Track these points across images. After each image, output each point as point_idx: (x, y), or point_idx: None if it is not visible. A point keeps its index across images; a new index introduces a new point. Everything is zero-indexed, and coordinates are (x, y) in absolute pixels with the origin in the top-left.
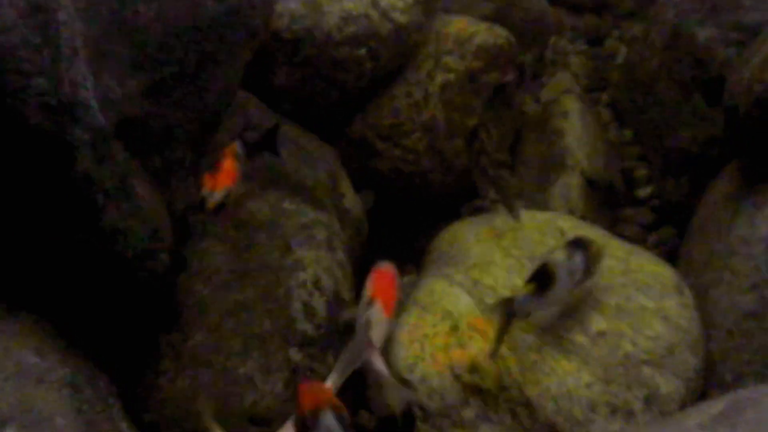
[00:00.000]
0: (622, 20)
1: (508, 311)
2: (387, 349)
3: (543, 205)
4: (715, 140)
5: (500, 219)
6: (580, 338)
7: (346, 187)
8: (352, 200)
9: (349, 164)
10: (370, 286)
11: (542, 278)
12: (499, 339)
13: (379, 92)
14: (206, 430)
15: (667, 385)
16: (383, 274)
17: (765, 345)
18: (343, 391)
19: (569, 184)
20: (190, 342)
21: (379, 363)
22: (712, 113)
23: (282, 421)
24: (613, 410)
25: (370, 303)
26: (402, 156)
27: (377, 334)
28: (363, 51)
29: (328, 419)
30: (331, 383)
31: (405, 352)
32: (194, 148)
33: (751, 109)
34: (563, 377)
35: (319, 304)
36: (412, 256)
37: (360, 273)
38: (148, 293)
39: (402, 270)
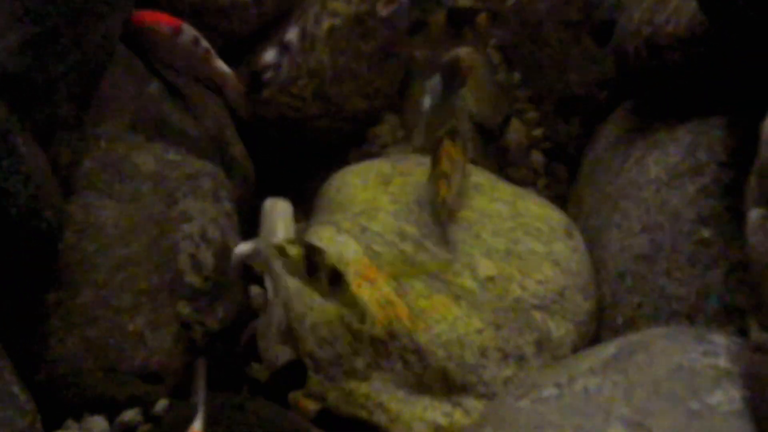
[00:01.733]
0: None
1: None
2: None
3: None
4: (605, 82)
5: (388, 164)
6: (469, 283)
7: (232, 135)
8: (238, 149)
9: (235, 112)
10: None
11: None
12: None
13: (264, 39)
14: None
15: (558, 329)
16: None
17: (656, 288)
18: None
19: (459, 128)
20: (78, 300)
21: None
22: (601, 55)
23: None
24: (505, 355)
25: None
26: (289, 102)
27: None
28: None
29: None
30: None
31: (294, 303)
32: (77, 102)
33: (640, 51)
34: (453, 323)
35: (206, 256)
36: (301, 204)
37: (248, 222)
38: (32, 252)
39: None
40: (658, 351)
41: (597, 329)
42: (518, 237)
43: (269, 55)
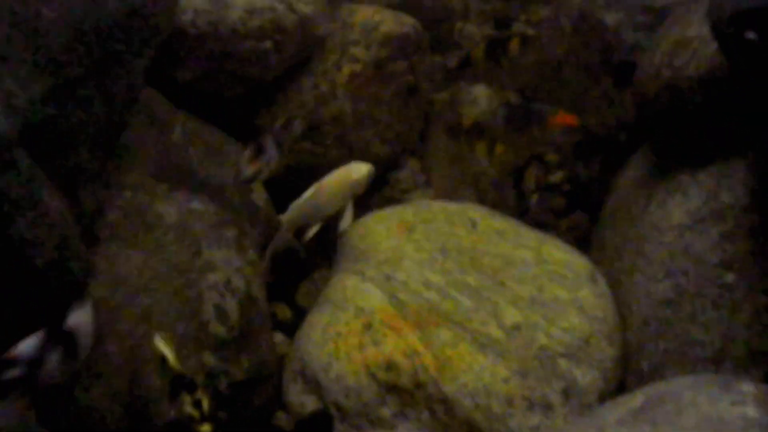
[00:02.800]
0: (529, 4)
1: None
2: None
3: (453, 195)
4: (624, 125)
5: (411, 211)
6: (495, 332)
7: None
8: (260, 196)
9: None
10: None
11: None
12: None
13: (285, 85)
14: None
15: (585, 376)
16: None
17: (681, 333)
18: None
19: (479, 173)
20: (102, 351)
21: None
22: (621, 97)
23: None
24: (531, 404)
25: None
26: (310, 149)
27: None
28: (268, 44)
29: None
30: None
31: (319, 352)
32: (100, 150)
33: (660, 94)
34: (480, 372)
35: (231, 305)
36: (324, 250)
37: (272, 269)
38: (58, 302)
39: (314, 264)
40: (686, 401)
41: (623, 375)
42: (543, 284)
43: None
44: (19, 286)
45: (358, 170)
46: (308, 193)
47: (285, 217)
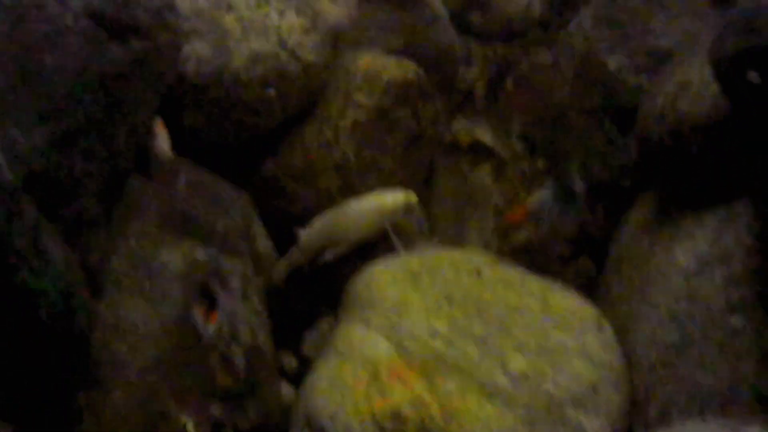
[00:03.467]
0: (531, 47)
1: None
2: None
3: (458, 242)
4: (628, 169)
5: (416, 259)
6: (501, 380)
7: (259, 230)
8: (265, 244)
9: (262, 207)
10: None
11: None
12: None
13: (289, 132)
14: None
15: (592, 424)
16: None
17: (688, 378)
18: None
19: (484, 220)
20: (109, 401)
21: None
22: (624, 142)
23: None
24: None
25: None
26: (315, 196)
27: None
28: (272, 91)
29: None
30: None
31: (326, 401)
32: (105, 199)
33: (664, 138)
34: (487, 422)
35: (237, 355)
36: (330, 299)
37: (278, 319)
38: (64, 352)
39: (319, 313)
40: None
41: (630, 422)
42: (549, 331)
43: None
44: (24, 335)
45: (394, 198)
46: (333, 213)
47: (304, 235)
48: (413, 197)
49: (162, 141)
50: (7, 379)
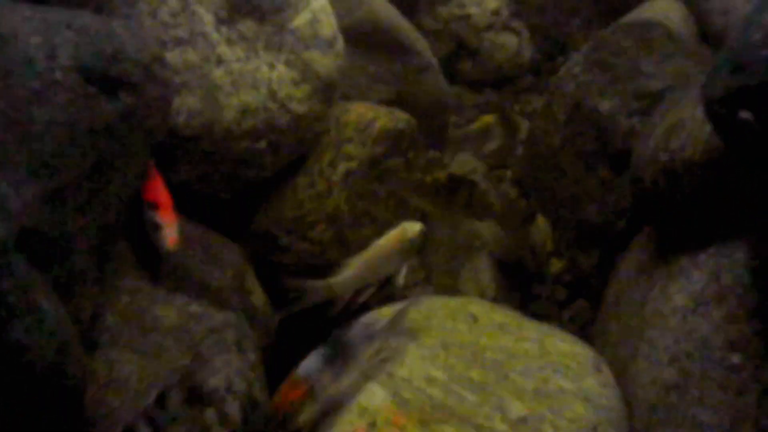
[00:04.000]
0: (522, 95)
1: None
2: None
3: (453, 289)
4: (623, 211)
5: (412, 308)
6: (500, 426)
7: (252, 283)
8: (260, 297)
9: (255, 259)
10: None
11: None
12: None
13: (281, 184)
14: None
15: None
16: None
17: (689, 418)
18: None
19: (478, 267)
20: None
21: None
22: (618, 184)
23: None
24: None
25: None
26: (308, 249)
27: None
28: (263, 144)
29: None
30: None
31: None
32: (97, 255)
33: (657, 179)
34: None
35: (233, 408)
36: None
37: (274, 371)
38: (57, 407)
39: None
40: None
41: None
42: (547, 375)
43: None
44: (16, 390)
45: (412, 229)
46: (365, 255)
47: (339, 279)
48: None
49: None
50: None
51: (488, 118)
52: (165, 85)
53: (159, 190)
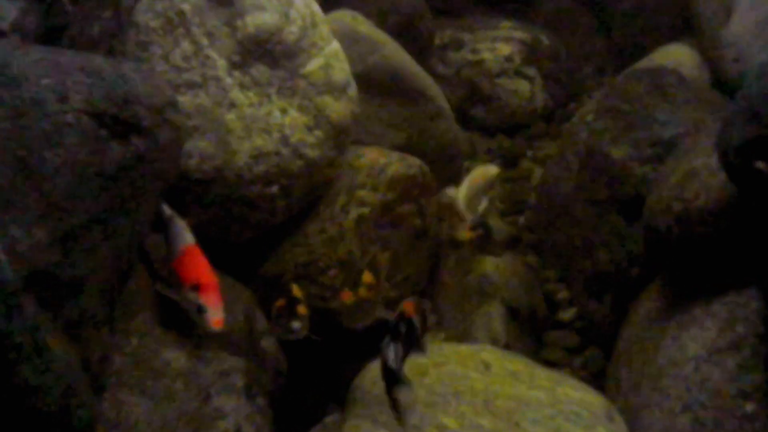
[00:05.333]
0: (535, 141)
1: None
2: None
3: (465, 336)
4: (635, 259)
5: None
6: None
7: (262, 328)
8: (270, 342)
9: (266, 304)
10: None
11: None
12: None
13: (292, 229)
14: None
15: None
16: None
17: None
18: None
19: (490, 313)
20: None
21: None
22: (631, 232)
23: None
24: None
25: None
26: (319, 293)
27: None
28: (275, 189)
29: None
30: None
31: None
32: (106, 297)
33: (671, 228)
34: None
35: None
36: (336, 395)
37: (283, 415)
38: None
39: (325, 409)
40: None
41: None
42: (559, 424)
43: None
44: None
45: (492, 169)
46: (465, 184)
47: (460, 193)
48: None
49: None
50: None
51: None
52: (177, 129)
53: (203, 271)
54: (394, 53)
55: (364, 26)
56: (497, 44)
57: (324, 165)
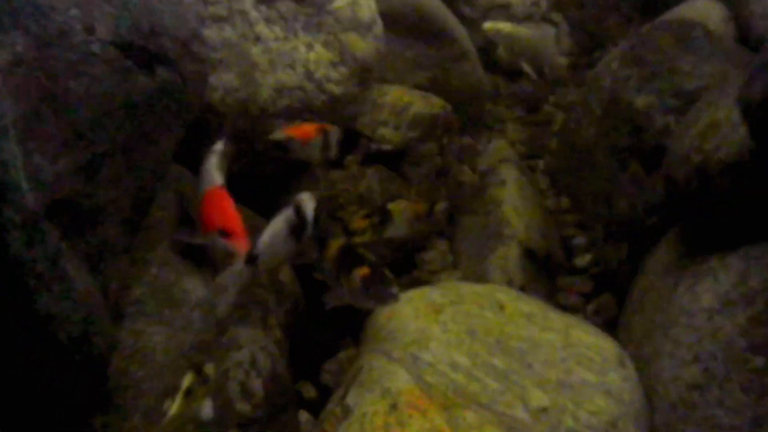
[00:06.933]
0: (559, 87)
1: None
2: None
3: (481, 276)
4: (653, 208)
5: (438, 292)
6: (521, 415)
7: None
8: (287, 273)
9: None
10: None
11: None
12: None
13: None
14: None
15: None
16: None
17: (709, 418)
18: None
19: (507, 255)
20: (125, 425)
21: None
22: (651, 181)
23: None
24: None
25: None
26: (339, 227)
27: None
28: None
29: None
30: None
31: (344, 431)
32: (127, 227)
33: (690, 179)
34: None
35: (257, 384)
36: (351, 330)
37: (298, 348)
38: (82, 376)
39: (340, 345)
40: None
41: None
42: (571, 367)
43: None
44: (43, 358)
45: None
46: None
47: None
48: None
49: None
50: (26, 401)
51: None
52: (202, 61)
53: (233, 219)
54: None
55: None
56: None
57: (348, 101)
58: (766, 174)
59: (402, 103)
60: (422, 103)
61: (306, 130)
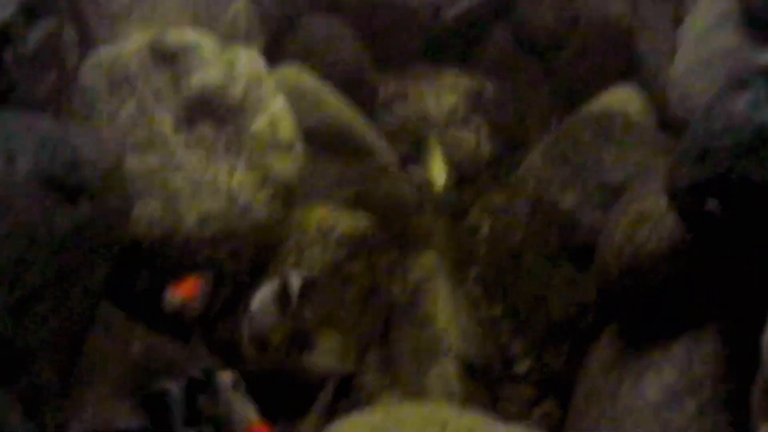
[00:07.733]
0: (483, 192)
1: None
2: None
3: (421, 392)
4: (588, 307)
5: (378, 416)
6: None
7: None
8: None
9: (222, 367)
10: None
11: None
12: None
13: (244, 292)
14: None
15: None
16: None
17: None
18: None
19: (445, 370)
20: None
21: None
22: (583, 279)
23: None
24: None
25: None
26: (270, 358)
27: None
28: (223, 252)
29: None
30: None
31: None
32: (61, 366)
33: (624, 272)
34: None
35: None
36: None
37: None
38: None
39: None
40: None
41: None
42: None
43: None
44: None
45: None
46: None
47: None
48: None
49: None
50: None
51: None
52: (125, 192)
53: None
54: (340, 109)
55: (310, 81)
56: (442, 94)
57: (273, 225)
58: (700, 259)
59: (328, 223)
60: (349, 221)
61: (190, 285)
